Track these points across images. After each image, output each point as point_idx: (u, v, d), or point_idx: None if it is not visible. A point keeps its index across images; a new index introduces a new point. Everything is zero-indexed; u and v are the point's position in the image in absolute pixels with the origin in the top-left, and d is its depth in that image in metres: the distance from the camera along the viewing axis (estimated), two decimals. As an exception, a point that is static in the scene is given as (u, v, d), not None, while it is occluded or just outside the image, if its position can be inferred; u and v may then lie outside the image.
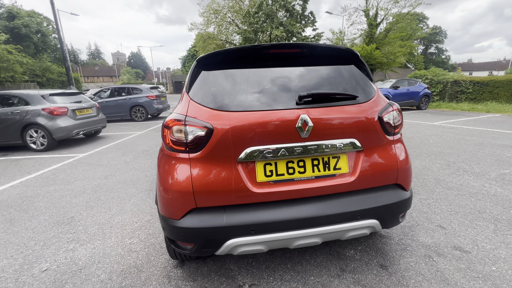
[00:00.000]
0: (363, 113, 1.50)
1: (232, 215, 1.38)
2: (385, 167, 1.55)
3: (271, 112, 1.40)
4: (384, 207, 1.51)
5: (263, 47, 1.57)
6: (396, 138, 1.64)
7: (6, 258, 2.11)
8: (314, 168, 1.46)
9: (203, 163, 1.39)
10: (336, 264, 1.88)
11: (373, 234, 2.22)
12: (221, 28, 33.03)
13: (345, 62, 1.72)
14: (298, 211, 1.42)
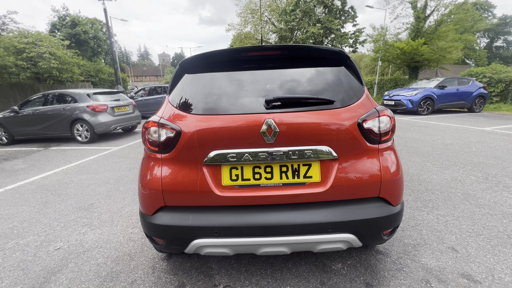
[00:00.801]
0: (338, 119, 1.39)
1: (198, 216, 1.42)
2: (365, 179, 1.42)
3: (237, 116, 1.39)
4: (361, 221, 1.39)
5: (241, 50, 1.56)
6: (384, 146, 1.49)
7: (32, 234, 2.47)
8: (282, 175, 1.40)
9: (172, 164, 1.45)
10: (318, 277, 1.78)
11: (367, 249, 2.05)
12: (257, 28, 33.35)
13: (331, 64, 1.61)
14: (264, 217, 1.39)
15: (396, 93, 11.02)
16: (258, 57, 1.60)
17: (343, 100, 1.47)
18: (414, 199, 2.85)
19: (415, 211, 2.59)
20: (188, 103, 1.50)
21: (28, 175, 4.31)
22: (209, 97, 1.49)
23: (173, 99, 1.57)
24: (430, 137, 5.87)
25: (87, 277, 1.86)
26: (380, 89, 20.58)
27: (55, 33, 15.26)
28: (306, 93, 1.49)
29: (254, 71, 1.58)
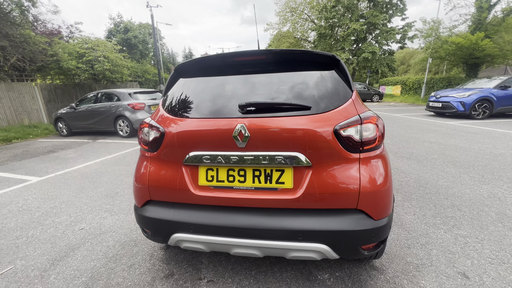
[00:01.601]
0: (313, 126, 1.35)
1: (177, 212, 1.52)
2: (341, 189, 1.35)
3: (212, 120, 1.45)
4: (335, 233, 1.33)
5: (228, 56, 1.61)
6: (367, 155, 1.40)
7: (66, 215, 2.89)
8: (255, 179, 1.42)
9: (157, 162, 1.58)
10: (301, 284, 1.75)
11: (361, 262, 1.93)
12: (296, 26, 32.80)
13: (318, 68, 1.56)
14: (236, 219, 1.43)
15: (445, 94, 9.82)
16: (244, 62, 1.63)
17: (324, 106, 1.42)
18: (433, 215, 2.56)
19: (430, 228, 2.33)
20: (174, 106, 1.61)
21: (75, 163, 5.01)
22: (192, 101, 1.58)
23: (163, 102, 1.70)
24: (477, 146, 5.14)
25: (96, 256, 2.13)
26: (430, 89, 18.52)
27: (111, 39, 17.42)
28: (288, 98, 1.47)
29: (239, 76, 1.62)
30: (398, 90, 21.58)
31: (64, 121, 8.25)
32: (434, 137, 6.11)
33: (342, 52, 26.53)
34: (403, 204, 2.81)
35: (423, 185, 3.28)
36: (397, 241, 2.18)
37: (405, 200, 2.90)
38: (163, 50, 50.60)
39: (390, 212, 1.46)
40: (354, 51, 28.20)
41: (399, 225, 2.40)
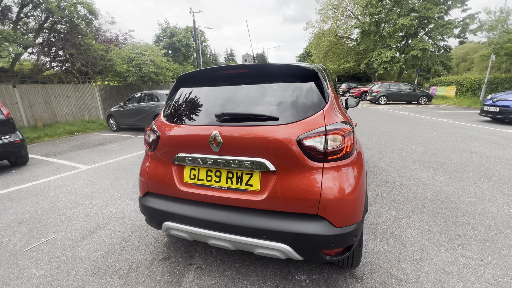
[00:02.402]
0: (278, 135, 1.46)
1: (168, 203, 1.79)
2: (302, 195, 1.44)
3: (194, 126, 1.67)
4: (295, 234, 1.44)
5: (218, 69, 1.82)
6: (331, 165, 1.46)
7: (100, 199, 3.45)
8: (228, 180, 1.60)
9: (154, 160, 1.86)
10: (277, 282, 1.87)
11: (343, 269, 1.96)
12: (338, 23, 31.44)
13: (294, 80, 1.67)
14: (211, 214, 1.63)
15: (504, 97, 8.53)
16: (231, 75, 1.81)
17: (293, 116, 1.52)
18: (440, 231, 2.40)
19: (430, 245, 2.21)
20: (169, 113, 1.89)
21: (117, 155, 5.80)
22: (183, 109, 1.83)
23: (164, 110, 1.99)
24: (530, 159, 4.46)
25: (115, 235, 2.54)
26: (493, 91, 16.07)
27: (158, 43, 19.29)
28: (262, 108, 1.62)
29: (225, 87, 1.81)
30: (452, 91, 19.20)
31: (114, 118, 9.47)
32: (478, 146, 5.44)
33: (388, 49, 24.62)
34: (410, 217, 2.68)
35: (442, 199, 3.04)
36: (388, 253, 2.13)
37: (413, 213, 2.75)
38: (206, 51, 53.42)
39: (357, 221, 1.50)
40: (402, 48, 25.95)
41: (396, 238, 2.32)
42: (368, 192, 3.33)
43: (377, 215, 2.75)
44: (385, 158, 4.78)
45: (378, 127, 8.24)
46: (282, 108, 1.59)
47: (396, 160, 4.64)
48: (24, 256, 2.25)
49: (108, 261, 2.16)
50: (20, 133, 4.92)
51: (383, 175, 3.91)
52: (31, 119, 9.91)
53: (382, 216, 2.73)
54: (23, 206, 3.29)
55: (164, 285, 1.88)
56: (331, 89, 1.79)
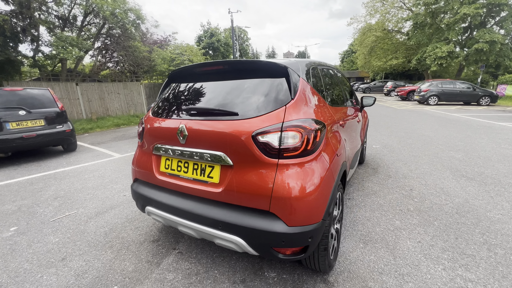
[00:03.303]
0: (235, 130, 1.48)
1: (149, 190, 1.95)
2: (255, 190, 1.44)
3: (168, 120, 1.78)
4: (248, 229, 1.45)
5: (197, 66, 1.91)
6: (286, 162, 1.43)
7: (120, 184, 3.87)
8: (194, 171, 1.68)
9: (141, 150, 2.05)
10: (245, 275, 1.90)
11: (315, 273, 1.88)
12: (386, 16, 28.96)
13: (262, 76, 1.67)
14: (180, 202, 1.73)
15: None
16: (208, 71, 1.88)
17: (253, 112, 1.52)
18: (444, 248, 2.12)
19: (427, 261, 1.97)
20: (154, 107, 2.05)
21: (147, 147, 6.38)
22: (164, 103, 1.97)
23: (154, 103, 2.16)
24: None
25: (121, 216, 2.85)
26: None
27: (199, 44, 20.47)
28: (227, 103, 1.66)
29: (202, 82, 1.89)
30: (527, 91, 16.11)
31: (153, 113, 10.37)
32: (538, 156, 4.53)
33: (444, 43, 21.80)
34: (415, 229, 2.41)
35: (462, 213, 2.66)
36: (373, 263, 1.97)
37: (420, 224, 2.47)
38: (248, 50, 54.50)
39: (313, 223, 1.44)
40: (463, 41, 22.71)
41: (389, 249, 2.13)
42: (377, 198, 3.09)
43: (376, 223, 2.54)
44: (410, 164, 4.32)
45: (416, 129, 7.43)
46: (246, 103, 1.60)
47: (423, 166, 4.16)
48: (49, 225, 2.69)
49: (108, 237, 2.45)
50: (71, 124, 5.78)
51: (400, 182, 3.56)
52: (88, 113, 11.50)
53: (381, 224, 2.51)
54: (62, 185, 3.89)
55: (145, 263, 2.07)
56: (308, 86, 1.74)
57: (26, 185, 3.88)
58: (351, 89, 3.60)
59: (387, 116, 10.45)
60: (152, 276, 1.93)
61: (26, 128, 4.95)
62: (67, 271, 1.99)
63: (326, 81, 2.29)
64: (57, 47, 9.35)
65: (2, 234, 2.54)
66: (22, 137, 4.83)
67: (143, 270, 1.99)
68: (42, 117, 5.23)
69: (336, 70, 2.94)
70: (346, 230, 2.44)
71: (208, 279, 1.88)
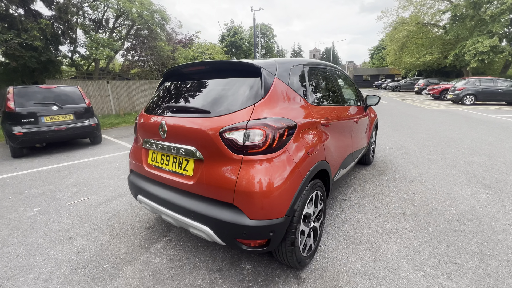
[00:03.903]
0: (205, 127, 1.58)
1: (140, 180, 2.14)
2: (221, 184, 1.53)
3: (153, 116, 1.93)
4: (215, 220, 1.55)
5: (184, 66, 2.04)
6: (251, 158, 1.49)
7: (132, 174, 4.19)
8: (173, 164, 1.81)
9: (135, 143, 2.24)
10: (222, 265, 2.01)
11: (289, 269, 1.93)
12: (421, 9, 26.97)
13: (238, 76, 1.74)
14: (163, 192, 1.89)
15: None
16: (192, 71, 2.00)
17: (223, 110, 1.61)
18: (430, 255, 2.03)
19: (408, 266, 1.91)
20: (148, 104, 2.22)
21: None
22: (153, 101, 2.13)
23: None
24: None
25: (126, 204, 3.12)
26: None
27: (222, 42, 20.93)
28: (203, 101, 1.76)
29: (186, 81, 2.02)
30: None
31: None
32: None
33: (487, 37, 19.77)
34: (405, 233, 2.33)
35: (463, 221, 2.50)
36: (350, 264, 1.96)
37: (412, 230, 2.38)
38: (273, 47, 54.15)
39: (275, 217, 1.50)
40: (511, 35, 20.38)
41: (371, 251, 2.09)
42: (374, 200, 3.00)
43: (366, 225, 2.49)
44: (422, 167, 4.09)
45: (440, 131, 6.94)
46: (219, 101, 1.69)
47: (435, 170, 3.92)
48: (65, 208, 3.04)
49: (111, 221, 2.71)
50: (96, 119, 6.33)
51: (405, 185, 3.41)
52: (117, 108, 12.40)
53: (371, 226, 2.46)
54: (82, 173, 4.32)
55: (137, 247, 2.27)
56: (284, 86, 1.78)
57: (54, 173, 4.37)
58: (355, 89, 3.51)
59: (412, 116, 9.84)
60: (140, 258, 2.11)
61: (58, 122, 5.54)
62: (71, 248, 2.27)
63: (314, 81, 2.29)
64: (90, 48, 10.20)
65: (27, 213, 2.93)
66: (54, 129, 5.41)
67: (133, 252, 2.19)
68: (72, 112, 5.80)
69: (334, 69, 2.90)
70: (333, 230, 2.43)
71: (188, 265, 2.02)
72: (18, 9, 9.69)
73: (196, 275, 1.91)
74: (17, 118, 5.14)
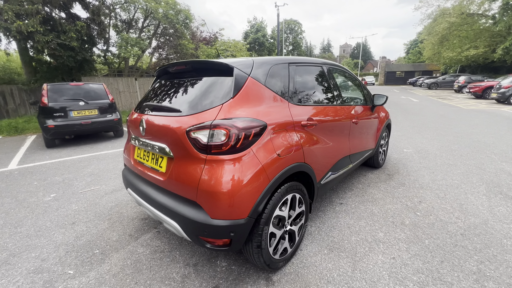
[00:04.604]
0: (174, 125, 1.62)
1: (129, 174, 2.27)
2: (187, 181, 1.57)
3: (137, 114, 2.03)
4: (181, 216, 1.59)
5: (170, 65, 2.10)
6: (215, 158, 1.50)
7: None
8: (152, 160, 1.89)
9: (127, 139, 2.37)
10: (199, 260, 2.06)
11: (262, 270, 1.92)
12: (466, -2, 24.35)
13: (213, 75, 1.75)
14: (143, 186, 1.99)
15: None
16: (177, 71, 2.05)
17: (193, 109, 1.63)
18: (419, 270, 1.87)
19: (389, 280, 1.79)
20: (137, 103, 2.33)
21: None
22: (142, 99, 2.22)
23: (142, 99, 2.46)
24: None
25: (128, 197, 3.32)
26: None
27: (246, 39, 21.03)
28: (179, 101, 1.81)
29: (170, 80, 2.08)
30: None
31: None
32: None
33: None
34: (397, 244, 2.17)
35: (468, 236, 2.26)
36: (326, 271, 1.89)
37: (406, 241, 2.21)
38: (301, 43, 52.96)
39: (236, 218, 1.50)
40: None
41: (353, 261, 1.99)
42: (373, 206, 2.84)
43: (356, 231, 2.37)
44: (438, 173, 3.76)
45: (472, 134, 6.27)
46: (191, 100, 1.72)
47: (452, 177, 3.57)
48: (77, 195, 3.33)
49: (111, 211, 2.91)
50: (119, 113, 6.79)
51: (412, 192, 3.16)
52: (143, 104, 13.16)
53: (361, 234, 2.33)
54: (99, 164, 4.68)
55: (127, 236, 2.41)
56: (259, 85, 1.75)
57: (76, 162, 4.80)
58: (360, 87, 3.32)
59: (443, 117, 9.02)
60: (127, 247, 2.25)
61: (84, 116, 6.05)
62: (71, 233, 2.49)
63: (301, 80, 2.22)
64: (120, 47, 10.92)
65: (44, 198, 3.27)
66: (80, 123, 5.93)
67: (123, 241, 2.34)
68: (96, 107, 6.29)
69: (333, 67, 2.77)
70: (319, 235, 2.35)
71: (168, 258, 2.10)
72: (60, 12, 10.69)
73: (173, 267, 1.99)
74: (50, 112, 5.71)
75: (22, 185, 3.73)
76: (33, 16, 8.25)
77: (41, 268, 2.02)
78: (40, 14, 8.50)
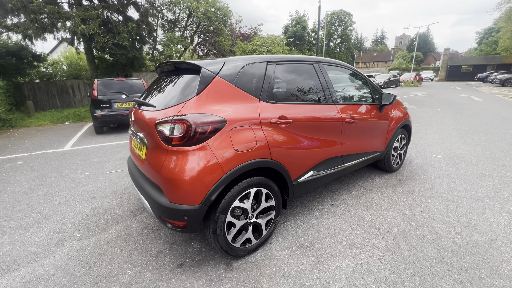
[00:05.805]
0: (148, 119, 1.85)
1: (129, 161, 2.63)
2: (154, 168, 1.80)
3: (133, 108, 2.33)
4: (150, 198, 1.84)
5: (164, 63, 2.35)
6: (175, 149, 1.69)
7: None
8: (138, 148, 2.17)
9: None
10: (175, 241, 2.30)
11: (228, 255, 2.06)
12: None
13: (187, 74, 1.93)
14: (134, 171, 2.31)
15: None
16: (167, 69, 2.29)
17: (164, 105, 1.85)
18: (380, 279, 1.78)
19: (345, 284, 1.76)
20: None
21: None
22: (141, 95, 2.53)
23: (146, 94, 2.79)
24: None
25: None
26: None
27: (285, 33, 20.76)
28: (158, 97, 2.04)
29: (159, 78, 2.33)
30: None
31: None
32: None
33: None
34: (372, 251, 2.08)
35: (459, 253, 2.03)
36: (286, 266, 1.94)
37: (385, 249, 2.09)
38: (351, 36, 49.73)
39: (189, 204, 1.67)
40: None
41: (318, 261, 1.99)
42: (365, 210, 2.71)
43: (334, 233, 2.33)
44: (461, 183, 3.33)
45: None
46: (164, 97, 1.93)
47: (477, 189, 3.14)
48: (103, 175, 3.93)
49: (125, 191, 3.38)
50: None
51: (418, 200, 2.90)
52: (183, 98, 14.21)
53: (338, 236, 2.29)
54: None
55: (129, 213, 2.81)
56: (225, 84, 1.87)
57: (113, 148, 5.57)
58: (366, 86, 3.13)
59: (506, 120, 7.67)
60: (126, 222, 2.63)
61: (125, 107, 6.91)
62: (88, 205, 3.00)
63: (280, 78, 2.25)
64: (164, 45, 11.96)
65: (80, 175, 3.95)
66: (122, 114, 6.80)
67: (124, 216, 2.74)
68: (136, 100, 7.12)
69: (328, 64, 2.69)
70: (295, 232, 2.38)
71: (153, 234, 2.40)
72: (118, 16, 12.19)
73: (154, 243, 2.28)
74: (99, 103, 6.69)
75: (68, 163, 4.54)
76: (94, 20, 9.62)
77: (59, 229, 2.52)
78: (100, 18, 9.86)
